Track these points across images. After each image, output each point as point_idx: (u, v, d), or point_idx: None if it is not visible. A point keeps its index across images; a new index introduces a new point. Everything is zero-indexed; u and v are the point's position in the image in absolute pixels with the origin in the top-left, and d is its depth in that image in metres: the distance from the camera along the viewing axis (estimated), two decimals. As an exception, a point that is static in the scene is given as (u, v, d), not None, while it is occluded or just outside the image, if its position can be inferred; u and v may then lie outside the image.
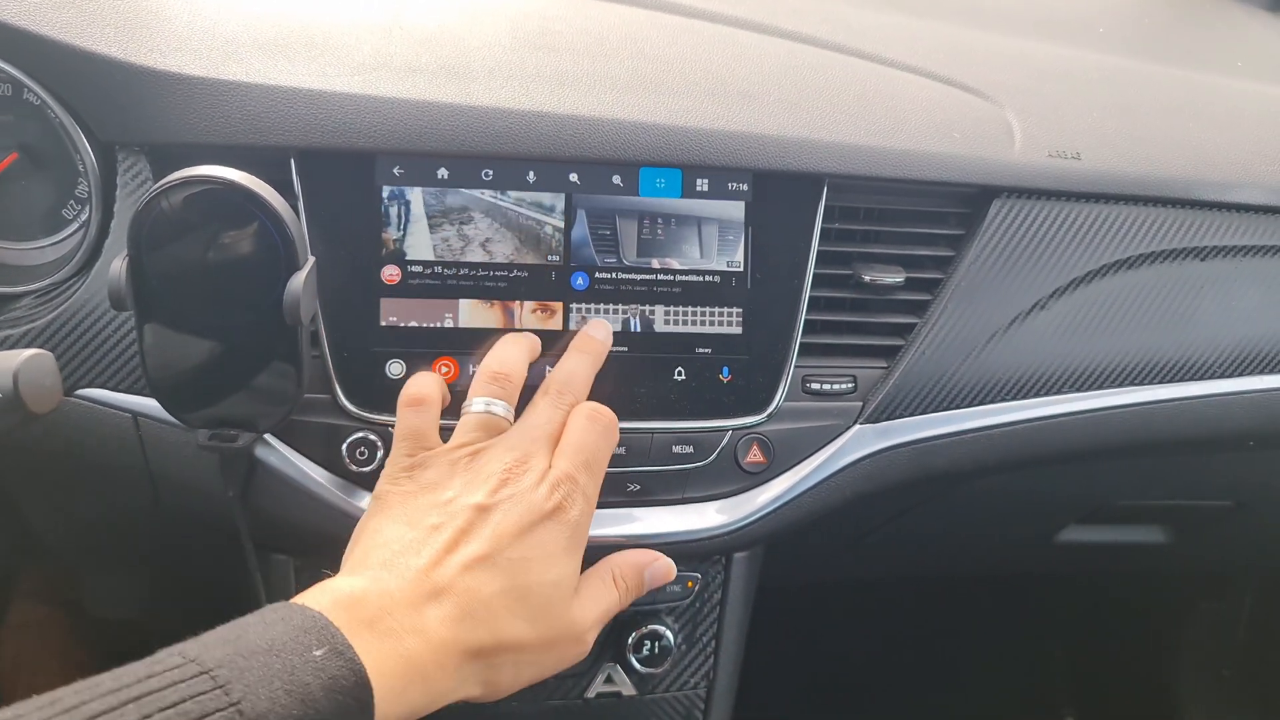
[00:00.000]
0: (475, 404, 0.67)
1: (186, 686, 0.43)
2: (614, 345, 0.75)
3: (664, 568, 0.71)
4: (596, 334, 0.73)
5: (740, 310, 0.77)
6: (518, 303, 0.74)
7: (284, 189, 0.68)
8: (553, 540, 0.61)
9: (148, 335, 0.65)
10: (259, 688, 0.45)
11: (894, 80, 0.86)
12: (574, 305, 0.75)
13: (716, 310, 0.77)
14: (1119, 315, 0.86)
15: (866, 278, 0.79)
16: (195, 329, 0.66)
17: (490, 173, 0.74)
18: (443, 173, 0.74)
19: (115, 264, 0.62)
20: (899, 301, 0.82)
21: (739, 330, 0.77)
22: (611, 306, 0.76)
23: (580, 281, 0.75)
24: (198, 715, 0.42)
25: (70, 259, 0.73)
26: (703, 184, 0.76)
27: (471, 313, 0.74)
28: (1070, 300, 0.84)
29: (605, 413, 0.68)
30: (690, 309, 0.76)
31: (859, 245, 0.82)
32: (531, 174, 0.74)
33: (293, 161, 0.72)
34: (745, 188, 0.77)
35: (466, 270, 0.74)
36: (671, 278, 0.76)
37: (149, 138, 0.71)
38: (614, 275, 0.76)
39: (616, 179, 0.75)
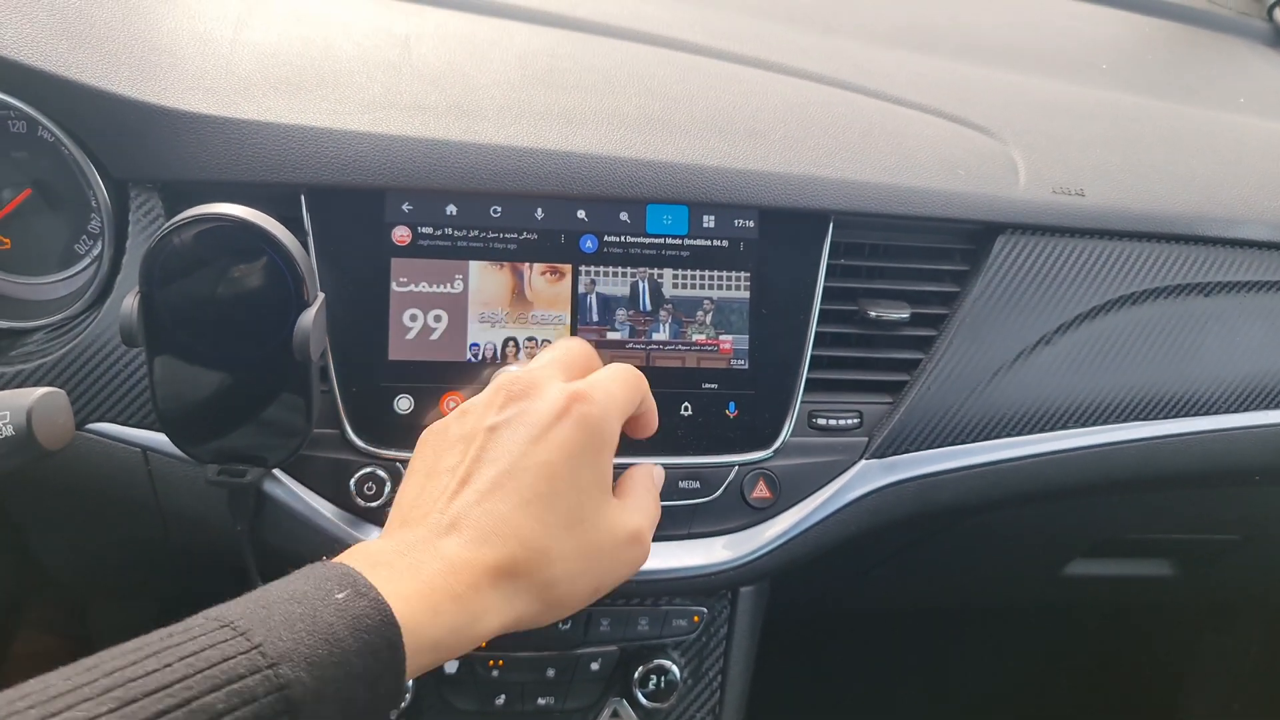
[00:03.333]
0: (507, 367, 0.66)
1: (207, 638, 0.43)
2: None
3: (660, 475, 0.70)
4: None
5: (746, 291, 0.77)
6: (527, 265, 0.75)
7: (294, 226, 0.69)
8: (571, 440, 0.57)
9: (158, 369, 0.66)
10: (281, 630, 0.45)
11: (899, 117, 0.87)
12: (583, 268, 0.76)
13: (724, 275, 0.77)
14: (1124, 350, 0.86)
15: (872, 314, 0.80)
16: (205, 364, 0.66)
17: (499, 209, 0.75)
18: (451, 209, 0.74)
19: (127, 300, 0.63)
20: (904, 337, 0.82)
21: (745, 365, 0.77)
22: (620, 270, 0.76)
23: (589, 244, 0.76)
24: (219, 659, 0.42)
25: (82, 294, 0.74)
26: (709, 220, 0.77)
27: (481, 275, 0.75)
28: (1075, 336, 0.85)
29: (634, 370, 0.65)
30: (698, 272, 0.77)
31: (865, 281, 0.82)
32: (540, 211, 0.75)
33: (303, 198, 0.72)
34: (752, 224, 0.78)
35: (476, 232, 0.75)
36: (680, 242, 0.77)
37: (161, 175, 0.72)
38: (622, 238, 0.76)
39: (624, 216, 0.76)
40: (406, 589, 0.50)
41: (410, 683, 0.79)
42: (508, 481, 0.56)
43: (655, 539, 0.76)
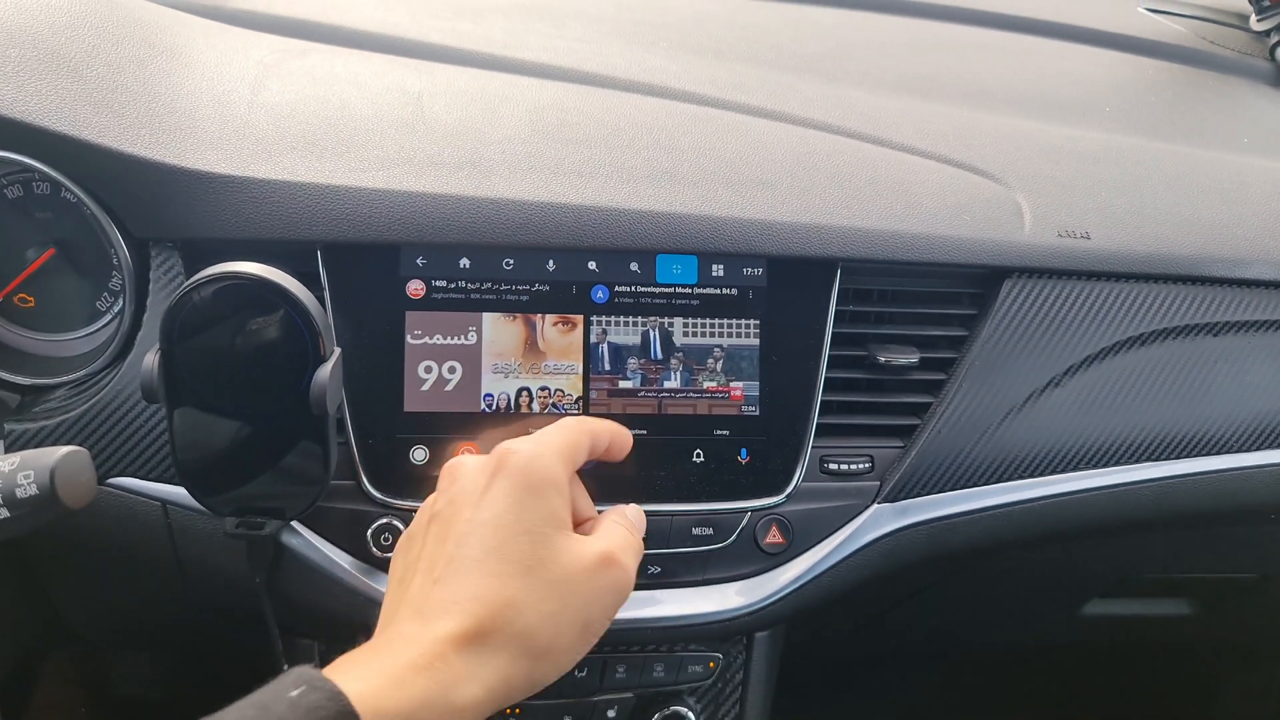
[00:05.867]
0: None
1: None
2: (634, 429, 0.76)
3: (635, 513, 0.68)
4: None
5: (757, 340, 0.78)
6: (539, 316, 0.76)
7: (310, 281, 0.70)
8: (507, 491, 0.57)
9: (177, 423, 0.67)
10: None
11: (904, 164, 0.88)
12: (594, 318, 0.77)
13: (734, 322, 0.78)
14: (1134, 391, 0.86)
15: (882, 358, 0.81)
16: (224, 418, 0.67)
17: (511, 262, 0.76)
18: (465, 263, 0.76)
19: (148, 358, 0.64)
20: (914, 381, 0.83)
21: (756, 411, 0.78)
22: (631, 319, 0.77)
23: (600, 295, 0.77)
24: None
25: (104, 350, 0.75)
26: (719, 269, 0.78)
27: (494, 326, 0.76)
28: (1084, 377, 0.85)
29: (569, 419, 0.66)
30: (708, 320, 0.78)
31: (873, 326, 0.83)
32: (551, 263, 0.76)
33: (319, 255, 0.74)
34: (760, 272, 0.79)
35: (489, 285, 0.76)
36: (690, 291, 0.78)
37: (181, 234, 0.73)
38: (633, 288, 0.77)
39: (634, 266, 0.77)
40: (368, 672, 0.50)
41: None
42: (456, 552, 0.56)
43: (670, 585, 0.77)
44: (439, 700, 0.50)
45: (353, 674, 0.49)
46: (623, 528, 0.63)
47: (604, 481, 0.72)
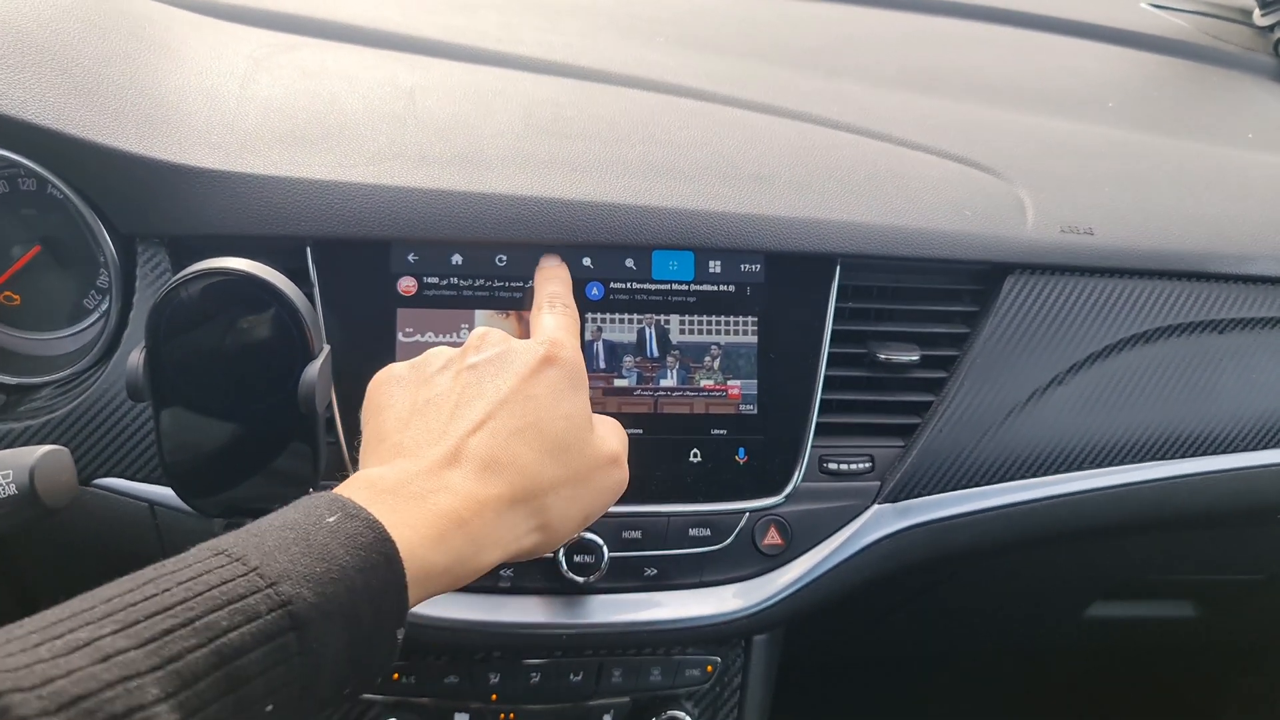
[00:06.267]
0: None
1: (202, 564, 0.44)
2: (630, 428, 0.75)
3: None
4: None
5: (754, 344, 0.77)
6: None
7: (300, 278, 0.69)
8: (556, 379, 0.61)
9: (164, 422, 0.66)
10: (276, 554, 0.45)
11: (905, 159, 0.87)
12: (589, 315, 0.76)
13: (731, 320, 0.77)
14: (1138, 389, 0.85)
15: (882, 356, 0.79)
16: (212, 417, 0.66)
17: (504, 259, 0.75)
18: (457, 259, 0.74)
19: (133, 356, 0.63)
20: (915, 380, 0.82)
21: (754, 410, 0.77)
22: (627, 316, 0.76)
23: (595, 292, 0.76)
24: (218, 583, 0.43)
25: (90, 349, 0.74)
26: (715, 265, 0.77)
27: (487, 324, 0.75)
28: (1088, 375, 0.84)
29: (568, 313, 0.69)
30: (705, 317, 0.77)
31: (873, 324, 0.82)
32: (545, 259, 0.75)
33: (309, 251, 0.73)
34: (758, 268, 0.77)
35: (482, 281, 0.75)
36: (686, 287, 0.77)
37: (168, 230, 0.72)
38: (628, 285, 0.76)
39: (629, 262, 0.76)
40: (412, 518, 0.51)
41: None
42: (499, 412, 0.58)
43: (667, 587, 0.76)
44: (470, 558, 0.53)
45: (396, 514, 0.50)
46: (621, 430, 0.67)
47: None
